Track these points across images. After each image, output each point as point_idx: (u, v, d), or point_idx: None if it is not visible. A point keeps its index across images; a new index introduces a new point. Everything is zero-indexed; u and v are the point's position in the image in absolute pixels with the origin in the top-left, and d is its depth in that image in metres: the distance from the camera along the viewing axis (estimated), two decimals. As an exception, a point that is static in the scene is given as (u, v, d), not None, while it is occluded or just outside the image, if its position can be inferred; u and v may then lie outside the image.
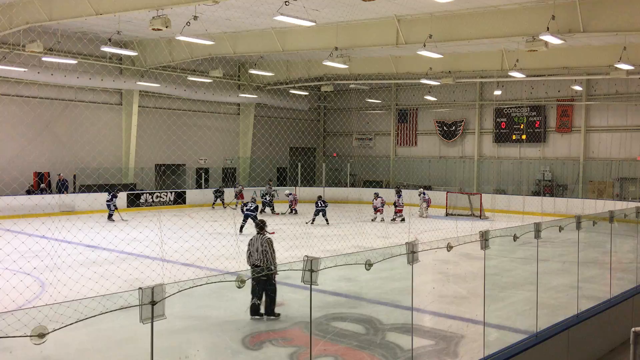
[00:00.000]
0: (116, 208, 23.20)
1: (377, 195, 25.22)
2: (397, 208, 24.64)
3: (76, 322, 3.30)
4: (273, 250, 9.58)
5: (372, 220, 24.42)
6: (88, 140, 27.62)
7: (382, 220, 24.35)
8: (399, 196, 24.84)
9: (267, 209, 26.73)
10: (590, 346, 8.13)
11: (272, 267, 8.92)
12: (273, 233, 19.44)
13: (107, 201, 23.23)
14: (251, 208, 19.87)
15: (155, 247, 15.44)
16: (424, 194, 27.24)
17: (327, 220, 22.76)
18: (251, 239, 9.70)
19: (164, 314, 3.62)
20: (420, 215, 26.27)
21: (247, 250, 9.61)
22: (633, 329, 6.21)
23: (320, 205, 22.91)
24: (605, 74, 24.99)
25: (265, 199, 26.95)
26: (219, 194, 29.31)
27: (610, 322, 8.66)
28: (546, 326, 7.41)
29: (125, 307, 3.51)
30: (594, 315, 8.26)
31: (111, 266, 13.32)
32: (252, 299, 9.34)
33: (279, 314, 9.50)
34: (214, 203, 29.35)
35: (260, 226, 9.91)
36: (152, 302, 3.55)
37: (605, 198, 27.90)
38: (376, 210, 24.71)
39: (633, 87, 28.69)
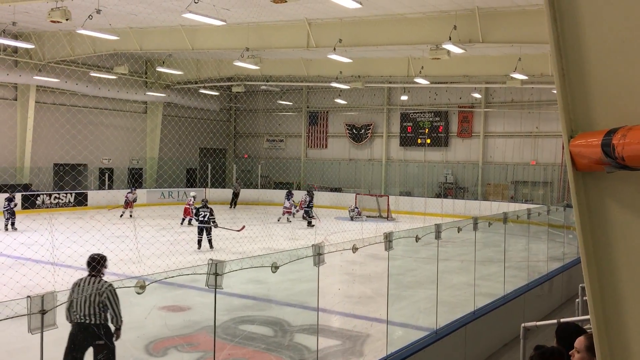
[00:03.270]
0: (13, 214, 20.37)
1: (290, 196, 25.42)
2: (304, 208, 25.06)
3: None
4: (117, 301, 6.14)
5: (277, 220, 24.63)
6: (-22, 137, 25.69)
7: (289, 220, 24.60)
8: (311, 198, 25.16)
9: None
10: (485, 341, 8.58)
11: (115, 325, 6.17)
12: (243, 228, 18.92)
13: (4, 207, 20.24)
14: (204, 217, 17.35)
15: (45, 253, 14.55)
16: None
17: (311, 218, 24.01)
18: (76, 284, 6.37)
19: (55, 323, 3.42)
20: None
21: (68, 301, 6.05)
22: (523, 325, 6.64)
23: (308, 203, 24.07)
24: (502, 83, 26.57)
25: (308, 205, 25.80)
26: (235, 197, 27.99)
27: (503, 318, 9.19)
28: (445, 323, 7.74)
29: (12, 317, 3.28)
30: (489, 312, 8.73)
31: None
32: None
33: None
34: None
35: (98, 264, 6.56)
36: (42, 311, 3.34)
37: (501, 200, 29.62)
38: (285, 210, 24.95)
39: (527, 95, 30.66)
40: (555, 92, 2.21)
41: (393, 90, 34.82)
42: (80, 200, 28.04)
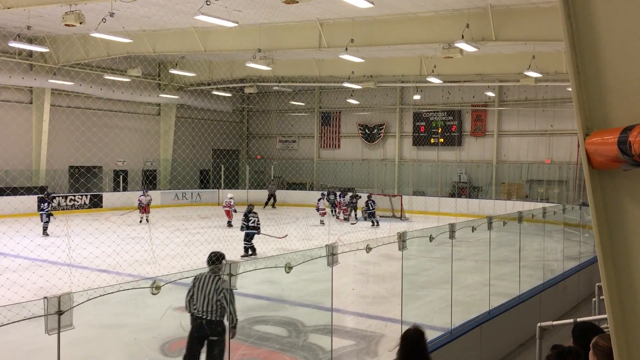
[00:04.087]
0: (50, 215, 19.85)
1: (323, 195, 25.24)
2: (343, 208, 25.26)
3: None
4: (234, 300, 6.27)
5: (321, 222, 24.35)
6: (-5, 141, 26.02)
7: (322, 223, 24.24)
8: (342, 197, 25.34)
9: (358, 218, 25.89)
10: (501, 341, 8.52)
11: (230, 323, 6.20)
12: (286, 236, 18.52)
13: (42, 209, 19.74)
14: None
15: (62, 254, 14.69)
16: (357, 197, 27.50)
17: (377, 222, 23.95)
18: (198, 278, 6.49)
19: (71, 324, 3.45)
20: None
21: (189, 293, 6.53)
22: (539, 324, 6.59)
23: (370, 207, 23.85)
24: (515, 81, 26.36)
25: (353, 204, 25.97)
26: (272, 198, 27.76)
27: (519, 317, 9.12)
28: (460, 323, 7.70)
29: (29, 318, 3.32)
30: (504, 312, 8.66)
31: (13, 275, 12.51)
32: None
33: None
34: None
35: (216, 260, 6.73)
36: (58, 311, 3.37)
37: (515, 199, 29.40)
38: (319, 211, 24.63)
39: (541, 93, 30.40)
40: (570, 89, 2.19)
41: (405, 89, 34.72)
42: (96, 202, 28.28)
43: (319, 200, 25.10)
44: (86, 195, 28.11)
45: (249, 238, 16.28)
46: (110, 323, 9.29)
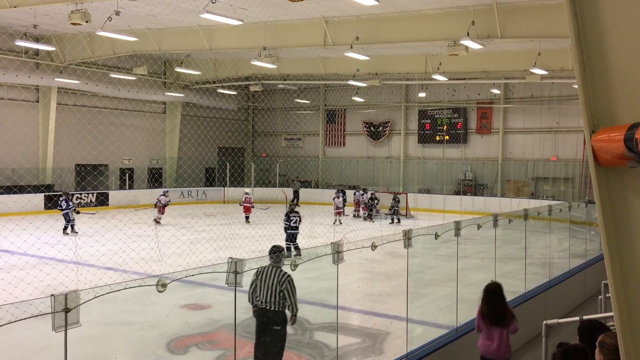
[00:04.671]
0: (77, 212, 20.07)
1: (342, 192, 24.91)
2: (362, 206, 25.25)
3: (-18, 332, 3.11)
4: (295, 291, 6.68)
5: (333, 223, 23.89)
6: (1, 139, 26.12)
7: (340, 223, 23.87)
8: (362, 195, 25.35)
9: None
10: (506, 338, 8.49)
11: (292, 312, 6.62)
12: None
13: (65, 208, 19.49)
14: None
15: (68, 252, 14.76)
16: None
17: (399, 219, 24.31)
18: (260, 271, 6.72)
19: (78, 321, 3.47)
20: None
21: (252, 285, 6.71)
22: (545, 322, 6.57)
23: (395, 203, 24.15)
24: (521, 79, 26.27)
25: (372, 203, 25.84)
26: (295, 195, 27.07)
27: (525, 315, 9.09)
28: (466, 321, 7.69)
29: (36, 316, 3.34)
30: (510, 309, 8.64)
31: (20, 272, 12.55)
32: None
33: None
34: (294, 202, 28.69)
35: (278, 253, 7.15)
36: (65, 309, 3.39)
37: (521, 197, 29.33)
38: (338, 210, 24.15)
39: (547, 90, 30.30)
40: (576, 86, 2.19)
41: (411, 87, 34.65)
42: (102, 200, 28.39)
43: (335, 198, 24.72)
44: (92, 194, 28.21)
45: (292, 238, 15.98)
46: (117, 320, 9.34)
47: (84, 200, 27.69)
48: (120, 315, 9.50)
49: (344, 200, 25.02)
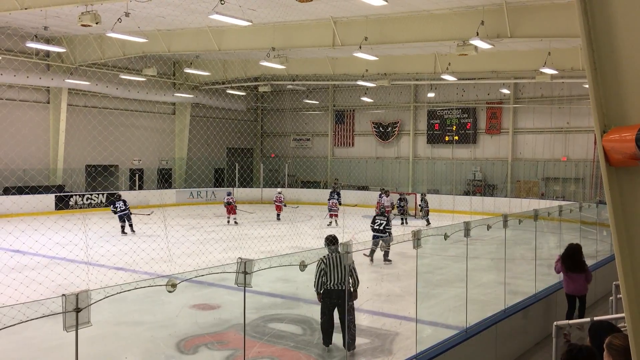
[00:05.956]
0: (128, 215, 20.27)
1: (386, 192, 24.26)
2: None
3: (-6, 331, 3.14)
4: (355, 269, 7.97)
5: (328, 224, 23.32)
6: (12, 140, 26.33)
7: (336, 224, 23.36)
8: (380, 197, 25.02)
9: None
10: (516, 340, 8.47)
11: (354, 287, 7.89)
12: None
13: (121, 210, 20.11)
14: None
15: (79, 252, 14.85)
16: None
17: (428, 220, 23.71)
18: (324, 260, 7.74)
19: (89, 321, 3.50)
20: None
21: (319, 273, 7.79)
22: (555, 323, 6.54)
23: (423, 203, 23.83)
24: (531, 78, 26.14)
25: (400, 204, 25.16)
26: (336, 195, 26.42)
27: (535, 316, 9.05)
28: (475, 321, 7.66)
29: (48, 315, 3.36)
30: (520, 310, 8.61)
31: (32, 272, 12.64)
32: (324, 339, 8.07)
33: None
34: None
35: (334, 241, 8.13)
36: (76, 309, 3.42)
37: (531, 197, 29.17)
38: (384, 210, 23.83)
39: (557, 90, 30.12)
40: (586, 86, 2.18)
41: (420, 87, 34.57)
42: (112, 201, 28.48)
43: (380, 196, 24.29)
44: (103, 194, 28.37)
45: (375, 242, 15.38)
46: (127, 320, 9.39)
47: (94, 200, 27.86)
48: (130, 315, 9.55)
49: (339, 202, 24.59)
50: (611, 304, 8.56)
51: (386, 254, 14.84)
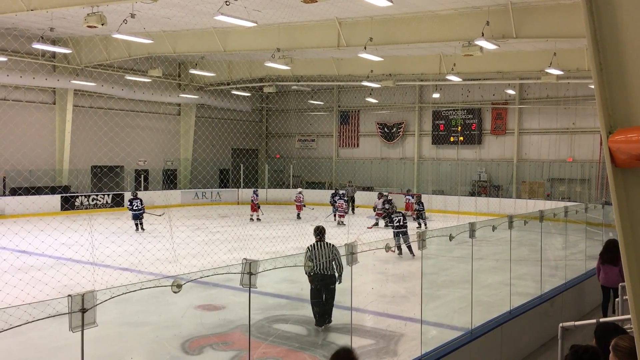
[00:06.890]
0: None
1: (384, 196, 24.07)
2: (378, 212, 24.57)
3: (0, 331, 3.16)
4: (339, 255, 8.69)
5: (337, 223, 23.62)
6: (19, 141, 26.44)
7: (343, 224, 23.59)
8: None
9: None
10: (522, 341, 8.44)
11: (339, 272, 8.83)
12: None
13: (136, 208, 20.84)
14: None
15: (85, 253, 14.89)
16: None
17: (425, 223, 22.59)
18: (312, 248, 9.05)
19: (95, 321, 3.51)
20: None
21: (307, 258, 8.71)
22: (561, 324, 6.51)
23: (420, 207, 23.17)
24: (536, 79, 26.05)
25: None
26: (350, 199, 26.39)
27: (541, 317, 9.02)
28: (481, 323, 7.65)
29: (53, 316, 3.38)
30: (525, 312, 8.58)
31: (38, 273, 12.67)
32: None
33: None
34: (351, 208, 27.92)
35: (323, 231, 9.31)
36: (82, 309, 3.43)
37: (536, 198, 29.07)
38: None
39: (562, 91, 30.01)
40: (592, 87, 2.17)
41: (425, 88, 34.52)
42: (118, 201, 28.62)
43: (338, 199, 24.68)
44: (108, 195, 28.47)
45: (396, 237, 15.87)
46: (132, 321, 9.41)
47: (99, 201, 27.96)
48: (135, 316, 9.57)
49: (340, 202, 24.49)
50: (617, 305, 8.52)
51: (410, 249, 15.27)
